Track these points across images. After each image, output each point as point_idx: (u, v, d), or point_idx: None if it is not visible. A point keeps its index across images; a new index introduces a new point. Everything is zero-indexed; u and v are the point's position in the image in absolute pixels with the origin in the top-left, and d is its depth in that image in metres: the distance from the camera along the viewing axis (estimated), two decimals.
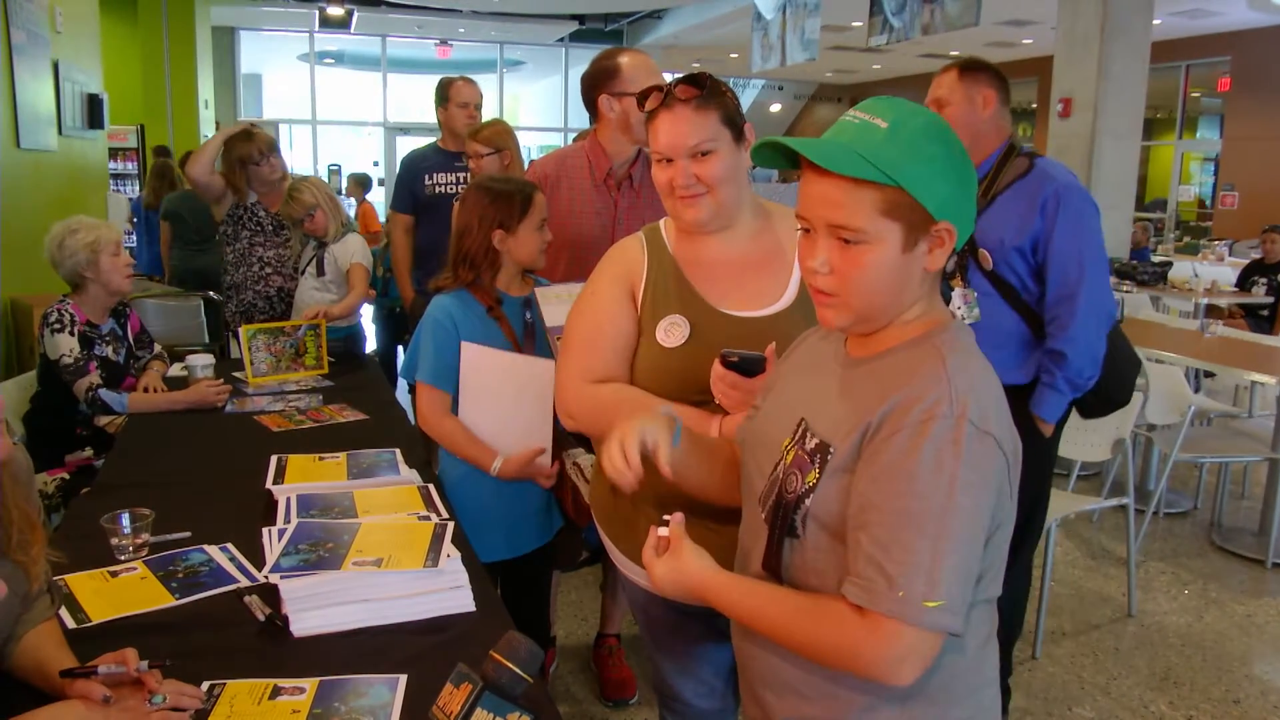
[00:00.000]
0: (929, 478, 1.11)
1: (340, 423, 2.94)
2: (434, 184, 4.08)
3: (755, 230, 1.83)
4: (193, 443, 2.76)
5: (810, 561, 1.25)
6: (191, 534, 2.03)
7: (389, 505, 2.07)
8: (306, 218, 3.70)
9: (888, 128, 1.17)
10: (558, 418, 1.90)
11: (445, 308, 2.43)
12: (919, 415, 1.13)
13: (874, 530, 1.13)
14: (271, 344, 3.45)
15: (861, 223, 1.17)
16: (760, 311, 1.77)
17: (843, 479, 1.20)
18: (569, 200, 2.77)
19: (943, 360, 1.17)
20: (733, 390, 1.62)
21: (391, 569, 1.69)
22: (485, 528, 2.33)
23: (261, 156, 3.92)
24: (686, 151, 1.71)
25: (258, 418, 2.97)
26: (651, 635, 1.98)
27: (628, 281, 1.82)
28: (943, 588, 1.10)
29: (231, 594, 1.77)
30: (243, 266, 4.01)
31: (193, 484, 2.37)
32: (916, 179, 1.16)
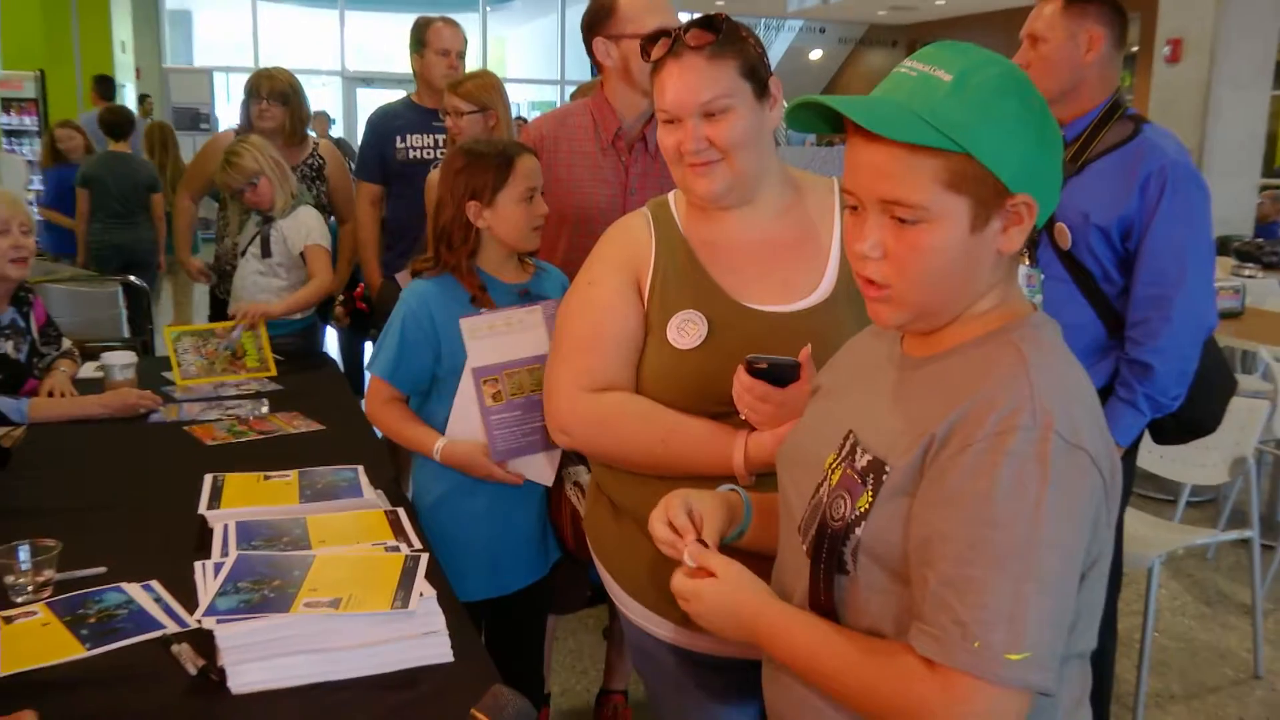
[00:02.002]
0: (1009, 502, 1.10)
1: (291, 434, 2.95)
2: (407, 147, 4.10)
3: (783, 206, 1.83)
4: (109, 459, 2.77)
5: (864, 604, 1.25)
6: (107, 570, 2.03)
7: (350, 534, 2.08)
8: (247, 187, 3.70)
9: (952, 81, 1.16)
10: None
11: (422, 294, 2.44)
12: (995, 426, 1.12)
13: (943, 567, 1.13)
14: (201, 346, 3.47)
15: (920, 197, 1.16)
16: (791, 306, 1.77)
17: (901, 503, 1.19)
18: (571, 167, 2.78)
19: (1023, 359, 1.17)
20: (762, 404, 1.62)
21: (352, 611, 1.69)
22: (466, 561, 2.34)
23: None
24: (697, 109, 1.72)
25: (189, 429, 2.98)
26: (660, 692, 1.98)
27: (632, 268, 1.83)
28: (1028, 636, 1.09)
29: (156, 642, 1.77)
30: (225, 239, 4.15)
31: (109, 509, 2.38)
32: (987, 143, 1.15)
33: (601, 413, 1.78)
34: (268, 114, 4.18)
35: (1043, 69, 2.59)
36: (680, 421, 1.73)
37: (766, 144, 1.78)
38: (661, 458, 1.74)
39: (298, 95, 4.29)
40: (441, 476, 2.46)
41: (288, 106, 4.22)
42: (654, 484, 1.75)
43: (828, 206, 1.84)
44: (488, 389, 2.34)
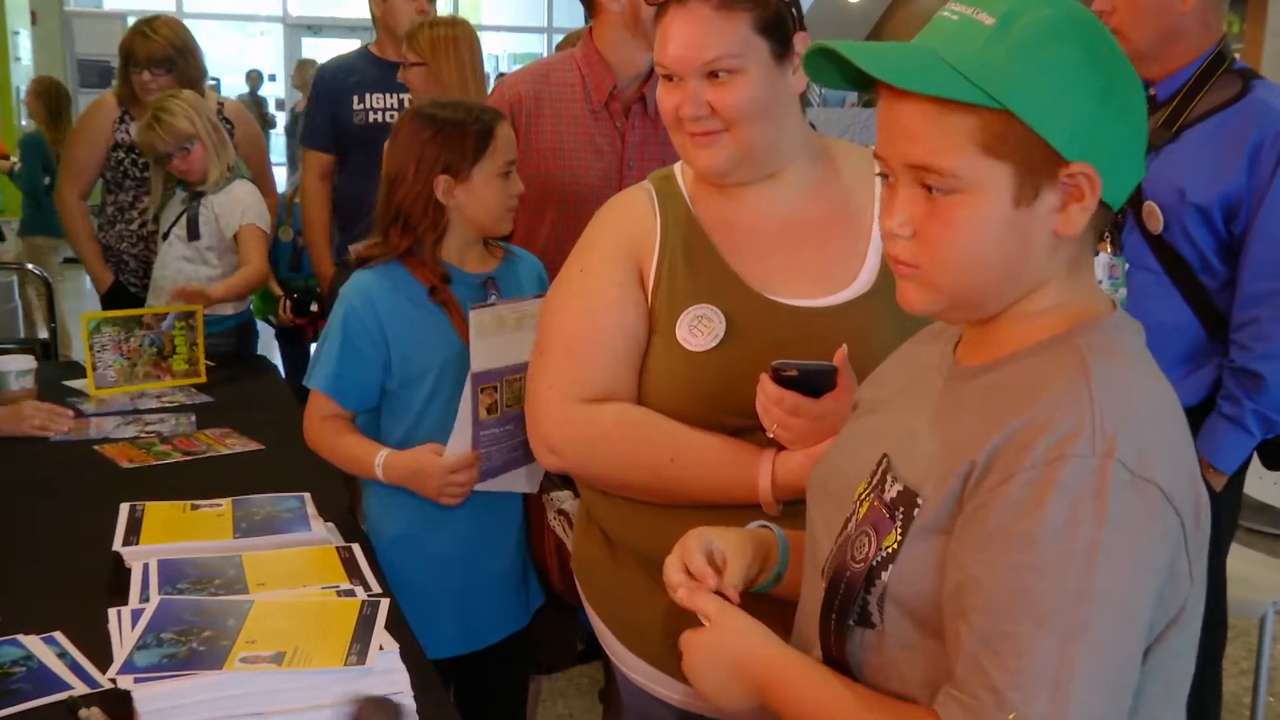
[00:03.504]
0: (1057, 545, 1.09)
1: (223, 454, 2.97)
2: (366, 109, 4.11)
3: (814, 181, 1.84)
4: (3, 484, 2.78)
5: (892, 664, 1.24)
6: (2, 619, 2.05)
7: (295, 575, 2.09)
8: (177, 152, 3.71)
9: (994, 24, 1.16)
10: None
11: (365, 289, 2.43)
12: (1044, 453, 1.11)
13: (978, 621, 1.12)
14: (123, 341, 3.47)
15: (951, 163, 1.16)
16: (825, 300, 1.78)
17: (934, 543, 1.19)
18: (555, 133, 2.80)
19: (1085, 371, 1.15)
20: (792, 418, 1.62)
21: (298, 668, 1.70)
22: (431, 609, 2.34)
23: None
24: (699, 69, 1.72)
25: (100, 448, 3.00)
26: None
27: (633, 254, 1.83)
28: (1075, 708, 1.07)
29: (60, 705, 1.77)
30: (119, 224, 4.12)
31: (7, 546, 2.40)
32: (1031, 98, 1.14)
33: (597, 428, 1.78)
34: (150, 85, 4.03)
35: (1130, 18, 2.55)
36: (692, 438, 1.73)
37: (786, 112, 1.78)
38: (669, 481, 1.74)
39: (186, 55, 4.14)
40: (399, 507, 2.46)
41: (174, 73, 4.07)
42: (658, 513, 1.76)
43: (867, 181, 1.82)
44: (484, 399, 2.32)
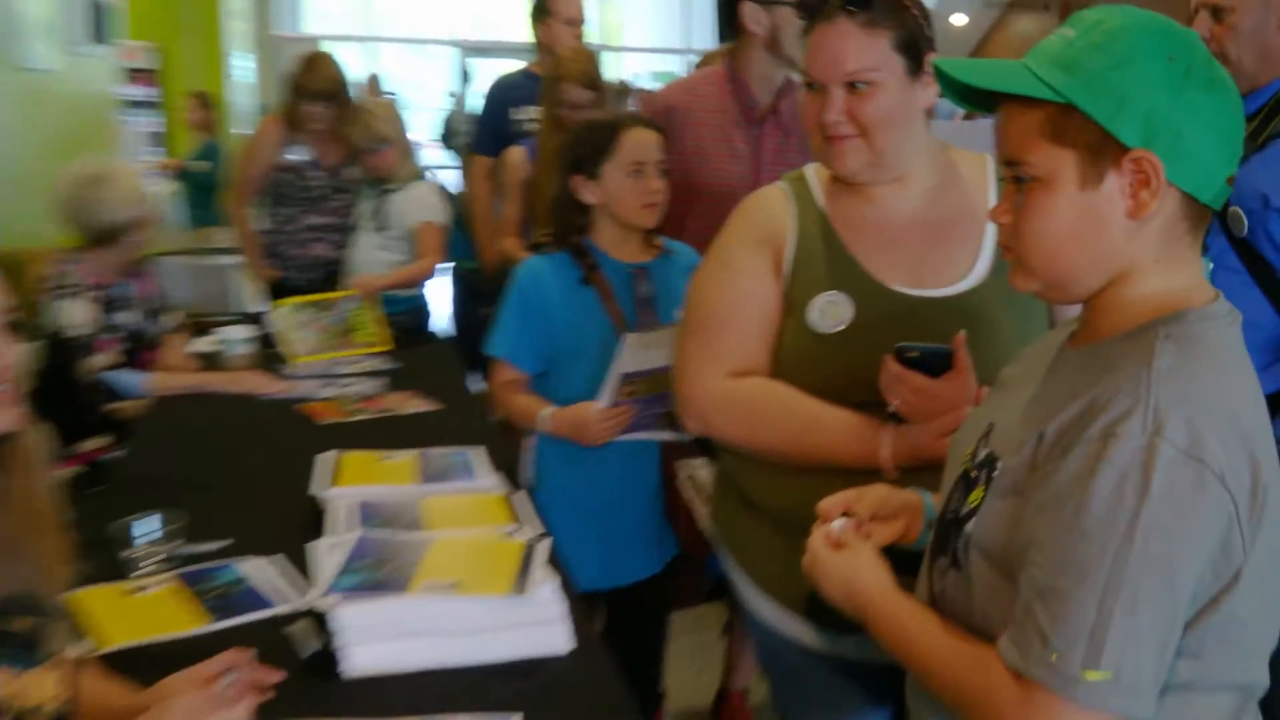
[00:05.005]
0: (1103, 513, 1.08)
1: (407, 414, 3.01)
2: (523, 119, 4.13)
3: (936, 184, 1.81)
4: (227, 435, 2.88)
5: (978, 604, 1.24)
6: (225, 545, 2.11)
7: (468, 517, 2.13)
8: (373, 151, 3.78)
9: (1074, 35, 1.16)
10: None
11: (534, 271, 2.51)
12: (1099, 430, 1.10)
13: (1035, 574, 1.12)
14: (315, 319, 3.57)
15: (1025, 153, 1.16)
16: (944, 290, 1.75)
17: (1010, 503, 1.19)
18: (698, 141, 2.79)
19: (1150, 359, 1.13)
20: (915, 395, 1.60)
21: (469, 595, 1.73)
22: (579, 549, 2.36)
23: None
24: (841, 79, 1.70)
25: (301, 407, 3.07)
26: (787, 695, 1.99)
27: (770, 245, 1.82)
28: (1110, 655, 1.07)
29: (273, 621, 1.84)
30: (283, 232, 4.19)
31: (228, 484, 2.48)
32: (1091, 90, 1.12)
33: (738, 399, 1.78)
34: (314, 115, 4.04)
35: (1231, 42, 2.47)
36: (822, 411, 1.72)
37: (914, 122, 1.75)
38: (801, 448, 1.73)
39: (344, 89, 4.11)
40: (557, 464, 2.52)
41: (334, 104, 4.06)
42: (789, 475, 1.76)
43: (983, 185, 1.81)
44: (625, 388, 2.37)
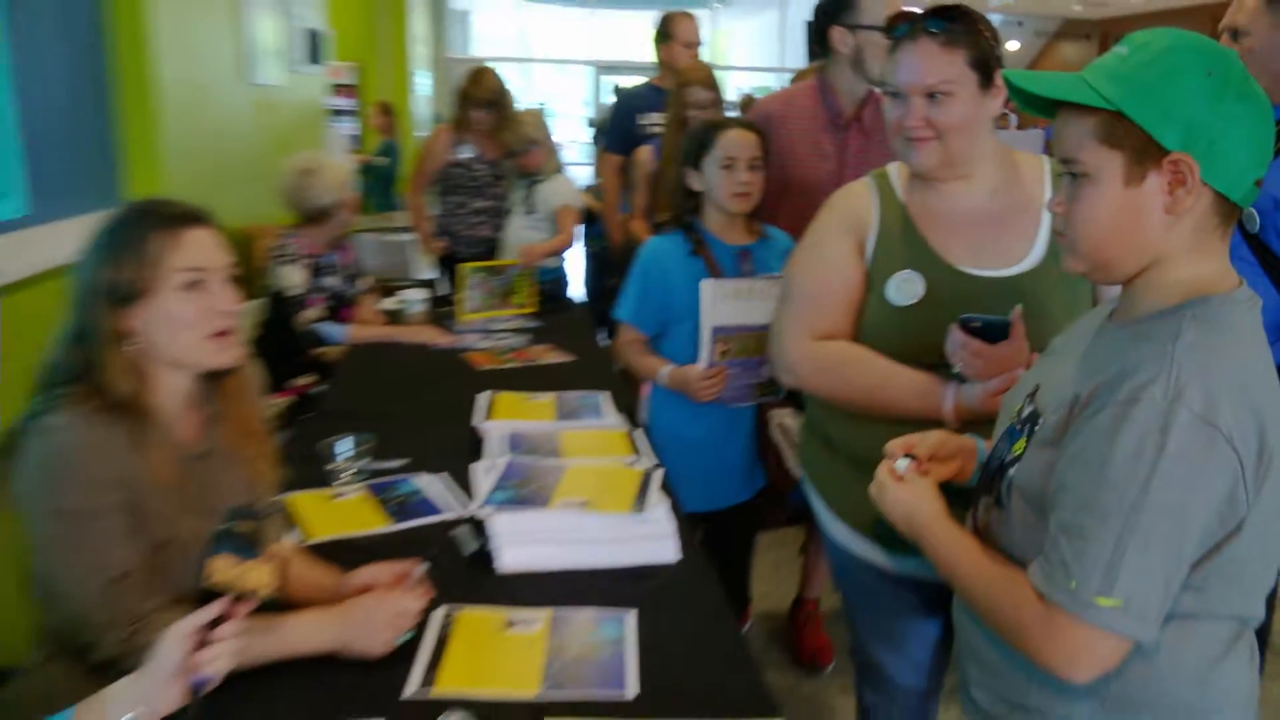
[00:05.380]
0: (1124, 465, 1.05)
1: (546, 364, 3.03)
2: (647, 124, 4.12)
3: (1000, 181, 1.75)
4: (406, 376, 2.94)
5: (1018, 538, 1.22)
6: (406, 463, 2.15)
7: (596, 448, 2.14)
8: (524, 151, 3.81)
9: (1127, 52, 1.12)
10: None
11: (655, 247, 2.52)
12: (1125, 395, 1.07)
13: (1062, 514, 1.10)
14: (485, 282, 3.61)
15: (1079, 152, 1.13)
16: (1003, 271, 1.70)
17: (1047, 453, 1.16)
18: (792, 143, 2.73)
19: (1177, 336, 1.09)
20: (975, 358, 1.57)
21: (598, 511, 1.74)
22: (685, 478, 2.37)
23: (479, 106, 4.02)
24: (922, 90, 1.66)
25: (465, 355, 3.11)
26: (856, 603, 1.97)
27: (855, 231, 1.78)
28: (1121, 585, 1.05)
29: (441, 525, 1.87)
30: (453, 216, 4.20)
31: (406, 415, 2.52)
32: (1138, 99, 1.08)
33: (825, 358, 1.76)
34: (479, 120, 4.06)
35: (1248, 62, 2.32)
36: (896, 370, 1.69)
37: (983, 128, 1.70)
38: (877, 401, 1.71)
39: (504, 97, 4.10)
40: (668, 408, 2.51)
41: (495, 111, 4.07)
42: (865, 423, 1.73)
43: (1040, 182, 1.76)
44: (719, 346, 2.36)
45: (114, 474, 1.34)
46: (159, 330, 1.39)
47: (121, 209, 1.42)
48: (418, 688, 1.36)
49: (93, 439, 1.33)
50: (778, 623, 3.18)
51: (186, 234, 1.40)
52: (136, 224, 1.39)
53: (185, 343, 1.41)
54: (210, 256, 1.42)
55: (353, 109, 9.55)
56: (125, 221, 1.40)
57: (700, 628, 1.55)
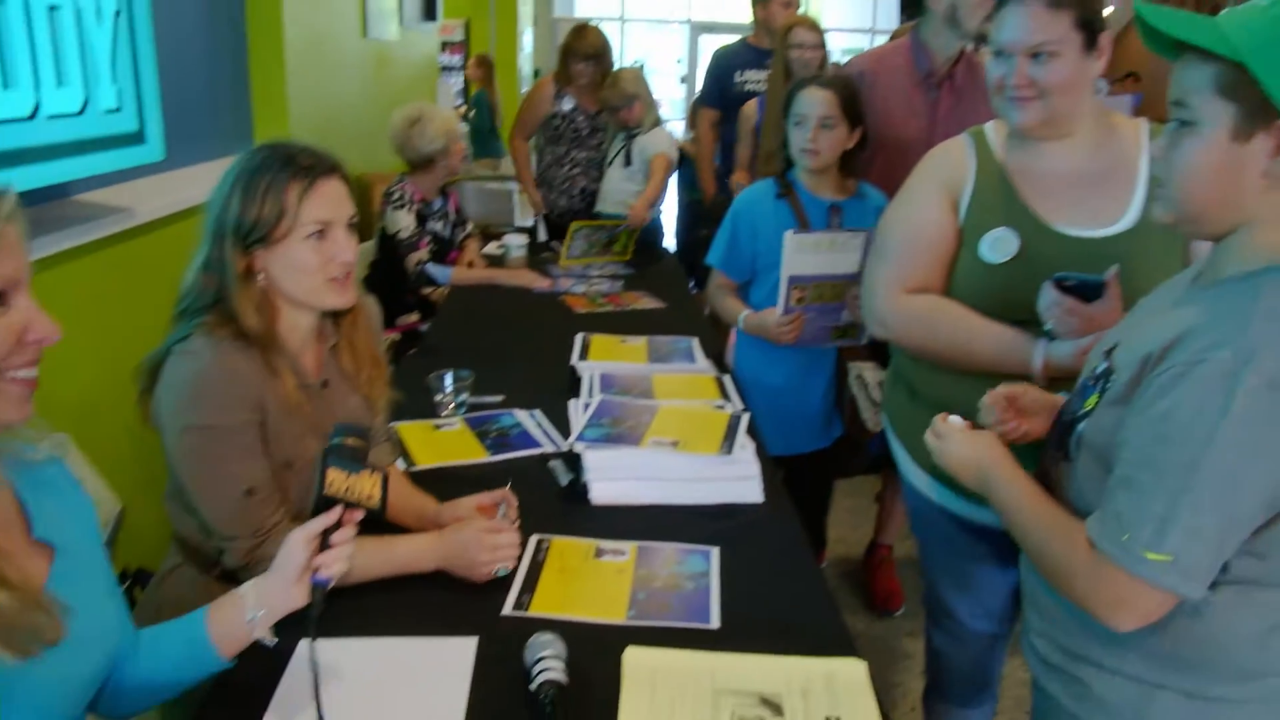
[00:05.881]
0: (1184, 424, 1.00)
1: (639, 309, 3.02)
2: (743, 81, 4.04)
3: (1097, 142, 1.66)
4: (506, 316, 2.95)
5: (1080, 490, 1.18)
6: (504, 398, 2.17)
7: (686, 391, 2.12)
8: (624, 106, 3.77)
9: (1267, 4, 1.02)
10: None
11: (749, 196, 2.50)
12: (1192, 355, 1.01)
13: (1121, 467, 1.06)
14: (591, 235, 3.60)
15: (1193, 98, 1.04)
16: (1099, 231, 1.61)
17: (1117, 410, 1.10)
18: (884, 100, 2.64)
19: (1255, 300, 1.02)
20: (1068, 316, 1.50)
21: (688, 451, 1.72)
22: (764, 422, 2.34)
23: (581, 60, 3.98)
24: (1027, 49, 1.57)
25: (563, 298, 3.11)
26: (932, 550, 1.93)
27: (950, 188, 1.71)
28: (1171, 541, 1.01)
29: (538, 457, 1.88)
30: (555, 166, 4.18)
31: (506, 354, 2.54)
32: (1265, 54, 0.98)
33: (917, 311, 1.70)
34: (582, 73, 4.00)
35: None
36: (987, 325, 1.63)
37: (1085, 89, 1.61)
38: (966, 355, 1.65)
39: (605, 52, 4.04)
40: (750, 353, 2.47)
41: (597, 64, 4.01)
42: (953, 376, 1.68)
43: (1138, 145, 1.66)
44: (795, 293, 2.31)
45: (246, 395, 1.37)
46: (281, 271, 1.41)
47: (261, 152, 1.41)
48: (512, 609, 1.37)
49: (227, 362, 1.36)
50: (850, 566, 3.15)
51: (320, 185, 1.40)
52: (276, 171, 1.38)
53: (306, 286, 1.42)
54: (337, 208, 1.42)
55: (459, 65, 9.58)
56: (265, 166, 1.39)
57: (781, 567, 1.53)
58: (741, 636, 1.31)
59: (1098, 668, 1.18)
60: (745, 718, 1.15)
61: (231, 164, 1.42)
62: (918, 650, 2.67)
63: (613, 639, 1.29)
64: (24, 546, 1.00)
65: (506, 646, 1.25)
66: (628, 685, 1.20)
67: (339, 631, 1.25)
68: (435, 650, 1.27)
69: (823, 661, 1.25)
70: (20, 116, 1.89)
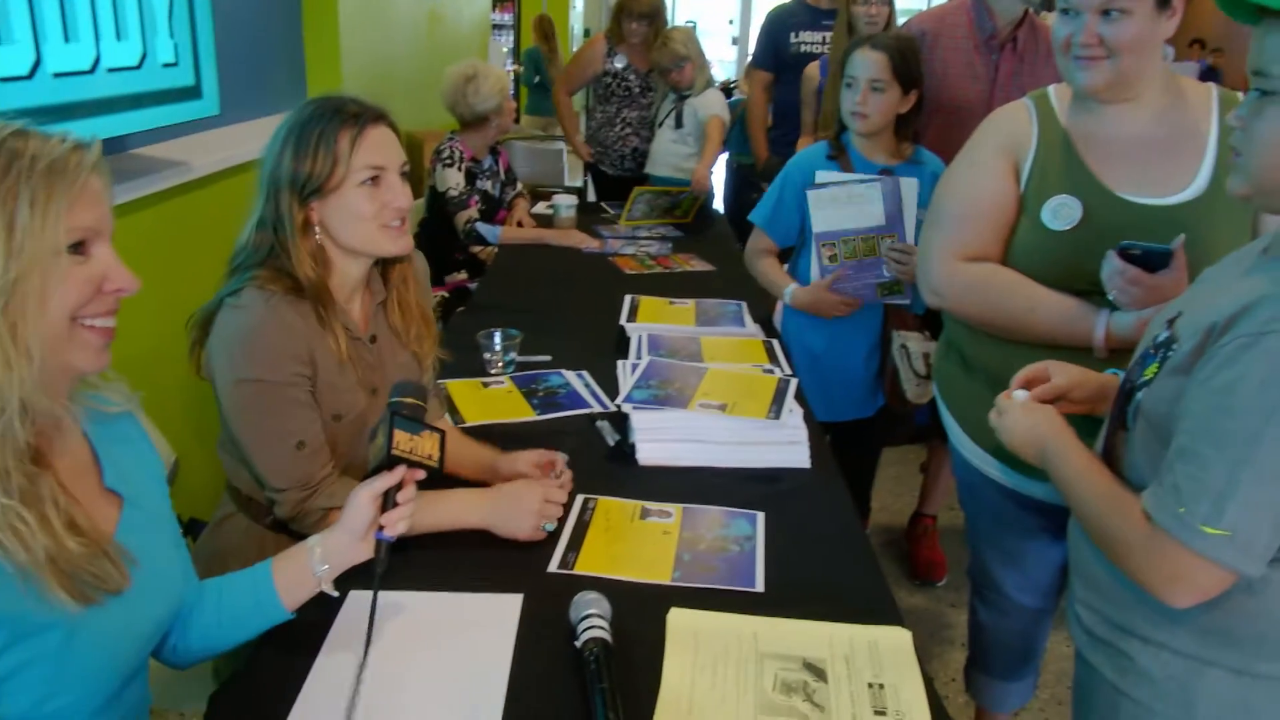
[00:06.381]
0: (1248, 396, 0.97)
1: (688, 271, 3.00)
2: (799, 42, 3.95)
3: (1165, 106, 1.59)
4: (554, 277, 2.94)
5: (1139, 462, 1.15)
6: (552, 358, 2.17)
7: (734, 355, 2.10)
8: (675, 68, 3.72)
9: None
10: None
11: (801, 155, 2.47)
12: (1260, 326, 0.97)
13: (1181, 438, 1.03)
14: (654, 200, 3.58)
15: (1274, 66, 1.00)
16: (1165, 199, 1.56)
17: (1177, 380, 1.07)
18: (944, 62, 2.57)
19: None
20: (1132, 286, 1.45)
21: (736, 415, 1.71)
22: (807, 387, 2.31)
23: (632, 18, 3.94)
24: (1097, 6, 1.50)
25: (612, 259, 3.10)
26: (980, 522, 1.90)
27: (1011, 153, 1.66)
28: (1229, 516, 0.98)
29: (585, 417, 1.88)
30: (604, 127, 4.14)
31: (554, 313, 2.53)
32: None
33: (973, 279, 1.66)
34: (635, 31, 3.96)
35: None
36: (1047, 294, 1.59)
37: (1154, 50, 1.55)
38: (1024, 325, 1.61)
39: (659, 11, 4.00)
40: (794, 317, 2.45)
41: (651, 24, 3.97)
42: (1007, 346, 1.65)
43: (1207, 110, 1.59)
44: (825, 251, 2.28)
45: (296, 349, 1.38)
46: (338, 220, 1.42)
47: (310, 106, 1.42)
48: (557, 567, 1.37)
49: (279, 316, 1.37)
50: (893, 535, 3.13)
51: (370, 131, 1.41)
52: (326, 121, 1.39)
53: (362, 233, 1.43)
54: (388, 154, 1.43)
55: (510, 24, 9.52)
56: (315, 118, 1.40)
57: (827, 533, 1.51)
58: (786, 602, 1.31)
59: (1144, 641, 1.16)
60: (789, 682, 1.15)
61: (282, 121, 1.44)
62: (958, 621, 2.65)
63: (657, 600, 1.29)
64: (96, 495, 1.02)
65: (551, 604, 1.26)
66: (671, 646, 1.20)
67: (390, 585, 1.26)
68: (482, 606, 1.28)
69: (867, 629, 1.24)
70: (81, 69, 1.91)
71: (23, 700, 0.91)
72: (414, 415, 1.20)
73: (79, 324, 0.92)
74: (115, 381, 1.07)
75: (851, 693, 1.13)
